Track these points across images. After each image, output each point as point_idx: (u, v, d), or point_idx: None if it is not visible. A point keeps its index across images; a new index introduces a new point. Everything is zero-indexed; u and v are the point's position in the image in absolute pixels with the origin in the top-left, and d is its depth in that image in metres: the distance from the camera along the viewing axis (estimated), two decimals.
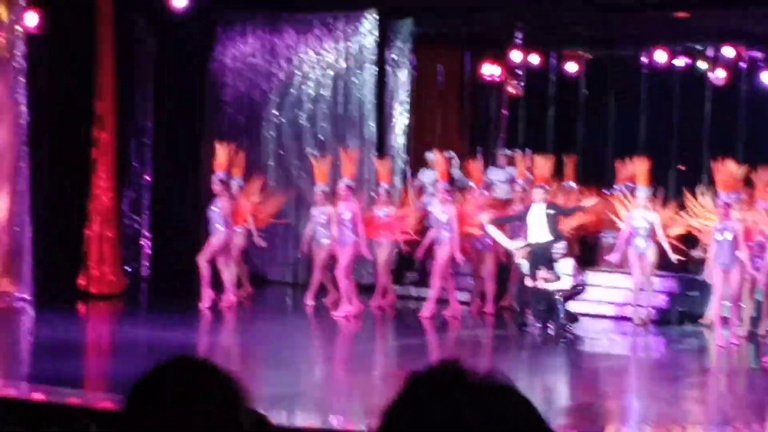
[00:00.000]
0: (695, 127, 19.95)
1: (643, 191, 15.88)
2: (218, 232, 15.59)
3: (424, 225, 16.51)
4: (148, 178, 17.77)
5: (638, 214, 15.73)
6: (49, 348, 12.55)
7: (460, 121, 21.34)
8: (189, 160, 17.19)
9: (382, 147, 19.12)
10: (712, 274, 14.31)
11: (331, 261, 15.92)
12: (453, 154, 18.66)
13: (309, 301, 16.25)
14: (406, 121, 19.56)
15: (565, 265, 14.89)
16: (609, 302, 16.54)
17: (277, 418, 9.59)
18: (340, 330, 15.29)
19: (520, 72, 21.40)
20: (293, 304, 17.86)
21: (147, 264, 18.33)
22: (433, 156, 18.10)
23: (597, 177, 18.84)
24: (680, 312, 16.31)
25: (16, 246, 15.64)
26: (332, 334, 15.38)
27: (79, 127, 16.80)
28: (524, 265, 15.01)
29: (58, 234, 16.56)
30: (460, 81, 21.21)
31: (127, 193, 17.48)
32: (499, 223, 15.74)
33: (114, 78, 17.15)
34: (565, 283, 14.77)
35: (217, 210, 15.70)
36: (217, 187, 15.88)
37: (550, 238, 14.96)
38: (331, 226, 15.73)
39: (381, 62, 19.48)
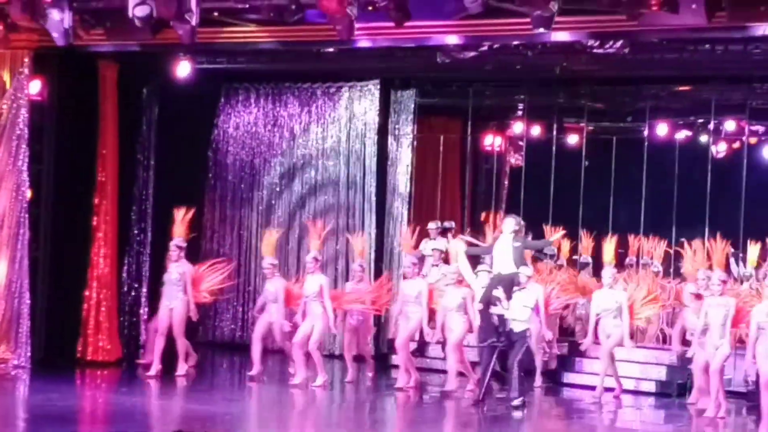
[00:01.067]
0: (696, 200, 19.94)
1: (607, 271, 15.91)
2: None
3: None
4: (148, 245, 17.76)
5: (603, 295, 15.74)
6: (44, 415, 12.49)
7: (461, 192, 21.36)
8: (190, 228, 17.17)
9: (383, 216, 19.19)
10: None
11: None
12: (453, 224, 18.74)
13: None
14: (408, 191, 19.62)
15: (528, 298, 14.72)
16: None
17: None
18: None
19: (521, 143, 21.49)
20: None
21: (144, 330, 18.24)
22: (435, 225, 18.22)
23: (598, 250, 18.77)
24: (679, 384, 16.31)
25: (14, 312, 15.67)
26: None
27: (80, 194, 16.85)
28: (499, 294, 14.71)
29: (57, 301, 16.55)
30: (462, 151, 21.27)
31: (127, 260, 17.47)
32: (470, 253, 15.59)
33: (116, 145, 17.24)
34: (521, 316, 14.55)
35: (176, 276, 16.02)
36: (173, 253, 16.16)
37: (514, 269, 14.79)
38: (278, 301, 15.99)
39: (383, 132, 19.60)
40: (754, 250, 17.49)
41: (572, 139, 21.44)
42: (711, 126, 20.09)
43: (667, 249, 18.85)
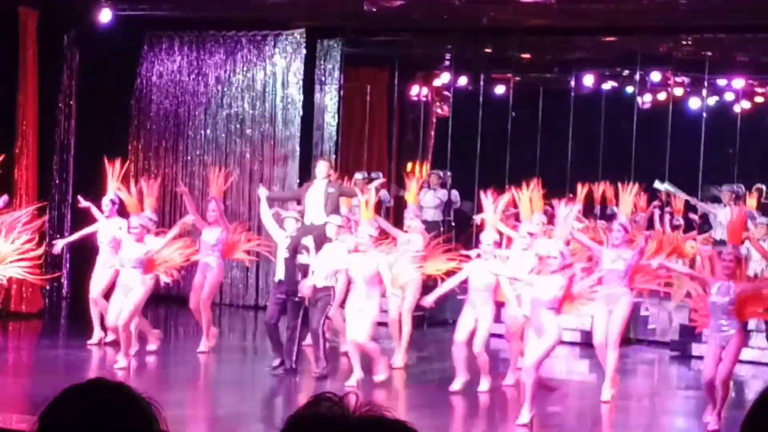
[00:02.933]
0: (622, 150, 20.06)
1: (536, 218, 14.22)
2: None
3: None
4: (70, 196, 17.53)
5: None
6: None
7: (387, 142, 21.31)
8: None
9: (308, 167, 19.08)
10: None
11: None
12: (380, 174, 18.63)
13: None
14: (334, 141, 19.55)
15: (339, 250, 12.70)
16: None
17: None
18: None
19: (447, 93, 21.49)
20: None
21: (67, 283, 18.08)
22: (361, 176, 18.01)
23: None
24: None
25: None
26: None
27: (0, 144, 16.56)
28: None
29: None
30: (389, 102, 21.21)
31: (49, 212, 17.22)
32: (274, 197, 14.26)
33: (36, 93, 16.95)
34: (326, 270, 12.60)
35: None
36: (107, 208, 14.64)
37: (326, 219, 13.26)
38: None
39: (310, 82, 19.47)
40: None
41: (499, 90, 21.46)
42: (637, 77, 20.19)
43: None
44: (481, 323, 11.97)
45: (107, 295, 13.74)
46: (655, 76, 20.36)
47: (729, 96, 21.09)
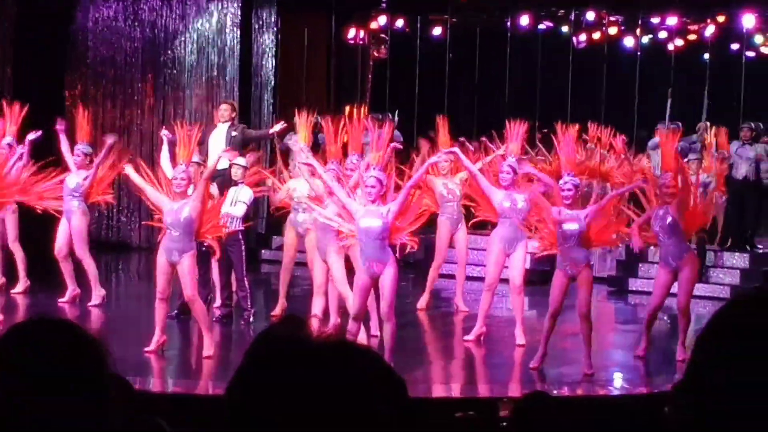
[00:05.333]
0: (558, 90, 20.19)
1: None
2: None
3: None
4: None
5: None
6: None
7: (326, 86, 21.26)
8: (50, 125, 16.71)
9: (249, 113, 19.02)
10: None
11: None
12: (319, 118, 18.54)
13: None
14: (272, 86, 19.51)
15: (244, 194, 12.52)
16: None
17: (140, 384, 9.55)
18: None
19: (384, 36, 21.46)
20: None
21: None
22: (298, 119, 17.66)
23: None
24: None
25: None
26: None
27: None
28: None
29: None
30: (327, 44, 21.13)
31: None
32: (175, 141, 13.91)
33: None
34: (238, 210, 12.35)
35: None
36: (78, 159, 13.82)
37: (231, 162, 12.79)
38: None
39: (246, 26, 19.37)
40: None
41: (436, 32, 21.46)
42: (572, 17, 20.29)
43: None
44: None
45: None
46: (590, 16, 20.47)
47: (662, 34, 21.23)
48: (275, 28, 19.62)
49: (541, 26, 21.25)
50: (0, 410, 2.25)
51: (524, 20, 20.72)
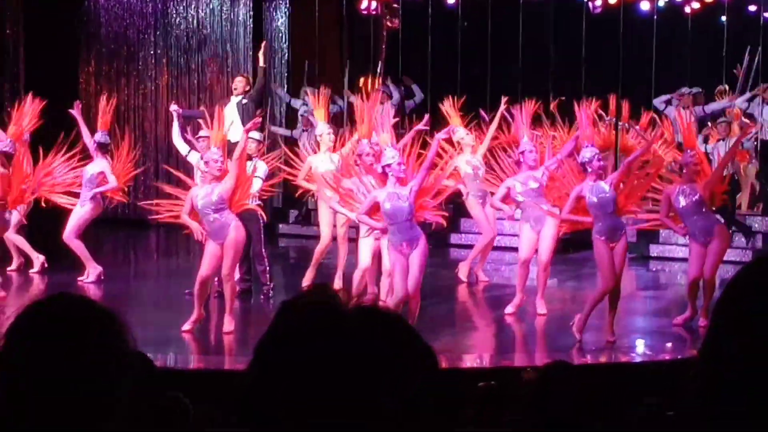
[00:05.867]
0: (574, 57, 20.04)
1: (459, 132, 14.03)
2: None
3: None
4: None
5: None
6: None
7: (339, 58, 21.17)
8: (64, 103, 16.70)
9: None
10: None
11: None
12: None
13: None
14: (286, 59, 19.48)
15: (259, 168, 12.26)
16: None
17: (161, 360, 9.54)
18: None
19: (396, 6, 21.35)
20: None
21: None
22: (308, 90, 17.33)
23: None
24: None
25: None
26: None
27: None
28: None
29: None
30: (338, 16, 21.04)
31: None
32: (188, 115, 13.41)
33: None
34: (254, 186, 11.94)
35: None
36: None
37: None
38: None
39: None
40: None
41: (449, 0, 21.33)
42: None
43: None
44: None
45: None
46: None
47: None
48: (287, 1, 19.55)
49: None
50: (19, 386, 2.24)
51: None
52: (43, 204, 13.64)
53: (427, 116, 12.89)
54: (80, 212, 13.62)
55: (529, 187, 11.88)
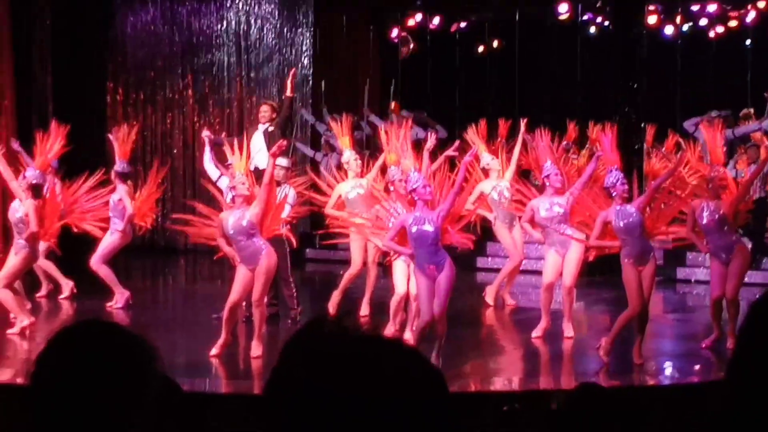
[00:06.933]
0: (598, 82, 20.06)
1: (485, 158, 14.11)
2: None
3: None
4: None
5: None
6: None
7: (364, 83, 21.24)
8: (91, 132, 16.90)
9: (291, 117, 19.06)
10: None
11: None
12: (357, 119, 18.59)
13: None
14: (310, 85, 19.55)
15: (288, 195, 12.19)
16: None
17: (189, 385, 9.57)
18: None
19: (406, 35, 21.48)
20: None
21: None
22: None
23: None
24: None
25: None
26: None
27: None
28: None
29: None
30: (364, 42, 21.14)
31: None
32: (219, 142, 13.17)
33: (11, 49, 16.82)
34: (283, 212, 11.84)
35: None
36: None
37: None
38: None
39: (283, 25, 19.44)
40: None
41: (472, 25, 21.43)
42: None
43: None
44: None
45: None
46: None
47: (703, 21, 21.06)
48: (312, 28, 19.63)
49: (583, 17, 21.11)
50: (50, 413, 2.26)
51: (563, 9, 20.55)
52: (74, 230, 13.75)
53: (457, 142, 12.93)
54: (108, 240, 13.77)
55: (554, 212, 11.89)
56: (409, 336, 11.08)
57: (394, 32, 21.51)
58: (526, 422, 8.87)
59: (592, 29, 21.31)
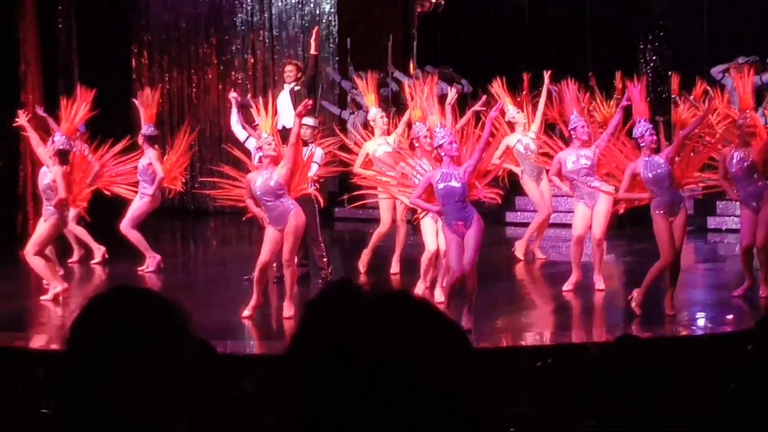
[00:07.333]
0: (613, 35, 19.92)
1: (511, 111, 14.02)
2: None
3: None
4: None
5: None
6: None
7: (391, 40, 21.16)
8: (117, 95, 16.89)
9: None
10: None
11: None
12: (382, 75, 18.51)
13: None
14: (336, 43, 19.52)
15: (316, 154, 12.22)
16: None
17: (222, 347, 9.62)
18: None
19: None
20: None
21: None
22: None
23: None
24: None
25: None
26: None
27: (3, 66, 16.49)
28: None
29: None
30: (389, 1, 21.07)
31: None
32: (246, 104, 12.80)
33: (35, 16, 16.82)
34: (311, 171, 11.84)
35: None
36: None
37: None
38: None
39: None
40: None
41: None
42: None
43: None
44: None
45: None
46: None
47: None
48: None
49: None
50: (86, 378, 2.28)
51: None
52: (106, 193, 13.81)
53: (484, 97, 12.87)
54: (138, 204, 13.81)
55: (581, 164, 11.84)
56: (439, 293, 11.10)
57: None
58: (560, 377, 8.87)
59: None
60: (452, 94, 11.62)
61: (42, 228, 12.13)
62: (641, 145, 10.77)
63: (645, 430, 3.93)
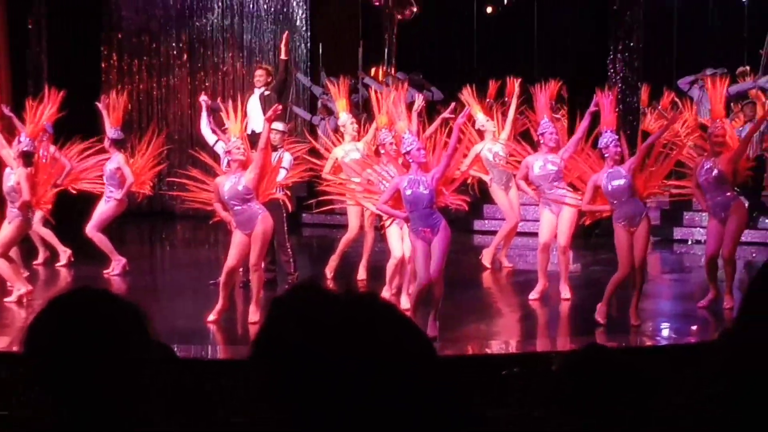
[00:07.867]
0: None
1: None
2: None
3: None
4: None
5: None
6: None
7: (354, 48, 21.17)
8: (86, 97, 16.81)
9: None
10: None
11: None
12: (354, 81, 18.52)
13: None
14: (308, 48, 19.51)
15: (284, 159, 12.24)
16: None
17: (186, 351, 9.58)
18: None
19: None
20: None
21: None
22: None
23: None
24: None
25: None
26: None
27: None
28: None
29: None
30: (356, 6, 21.05)
31: None
32: (216, 107, 12.71)
33: (5, 16, 16.75)
34: (279, 176, 11.85)
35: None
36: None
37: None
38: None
39: None
40: None
41: None
42: None
43: None
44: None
45: None
46: None
47: None
48: None
49: None
50: (43, 378, 2.27)
51: None
52: (71, 191, 13.72)
53: (453, 104, 12.87)
54: (104, 208, 13.74)
55: (548, 169, 11.88)
56: (405, 299, 11.09)
57: None
58: (525, 385, 8.88)
59: None
60: (419, 101, 11.60)
61: (6, 230, 12.05)
62: (605, 155, 10.79)
63: None
